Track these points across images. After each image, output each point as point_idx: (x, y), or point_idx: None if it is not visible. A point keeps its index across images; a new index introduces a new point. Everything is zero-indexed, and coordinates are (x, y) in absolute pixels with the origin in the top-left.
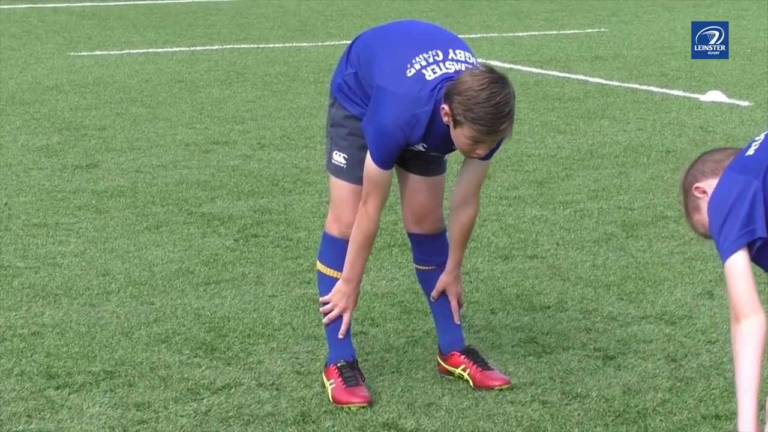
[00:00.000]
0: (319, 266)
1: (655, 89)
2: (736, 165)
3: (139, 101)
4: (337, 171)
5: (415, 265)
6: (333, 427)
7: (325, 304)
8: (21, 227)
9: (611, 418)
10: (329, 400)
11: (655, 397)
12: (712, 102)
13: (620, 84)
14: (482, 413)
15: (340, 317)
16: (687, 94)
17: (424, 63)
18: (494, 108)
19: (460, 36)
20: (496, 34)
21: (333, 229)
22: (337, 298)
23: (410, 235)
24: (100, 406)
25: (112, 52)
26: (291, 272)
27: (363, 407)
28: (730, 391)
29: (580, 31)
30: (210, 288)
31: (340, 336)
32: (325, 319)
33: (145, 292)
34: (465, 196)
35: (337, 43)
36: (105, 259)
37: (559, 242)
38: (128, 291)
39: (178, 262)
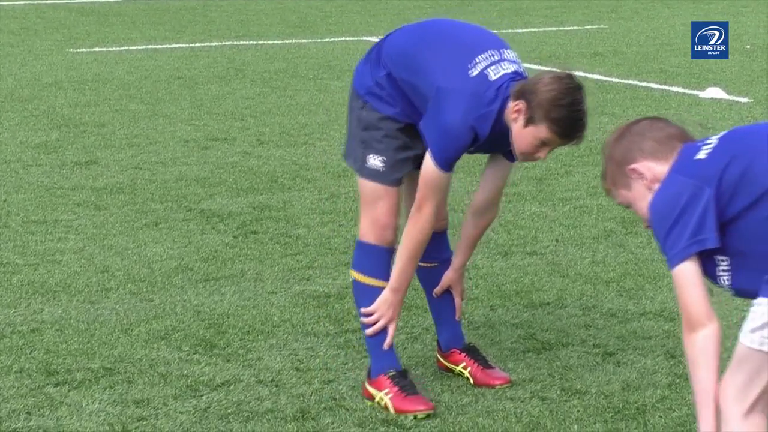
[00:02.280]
0: (357, 276)
1: (655, 86)
2: (686, 168)
3: (138, 98)
4: (374, 175)
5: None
6: (333, 423)
7: (367, 315)
8: (20, 224)
9: (610, 415)
10: (386, 411)
11: (655, 393)
12: (712, 99)
13: (620, 80)
14: (482, 410)
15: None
16: (686, 91)
17: (486, 63)
18: (576, 114)
19: None
20: (495, 31)
21: (369, 235)
22: (383, 309)
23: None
24: (99, 403)
25: (111, 49)
26: (290, 269)
27: (428, 415)
28: None
29: (580, 27)
30: (209, 285)
31: (385, 347)
32: (369, 331)
33: (145, 289)
34: (489, 199)
35: (336, 39)
36: (104, 255)
37: (559, 239)
38: (127, 288)
39: (177, 258)
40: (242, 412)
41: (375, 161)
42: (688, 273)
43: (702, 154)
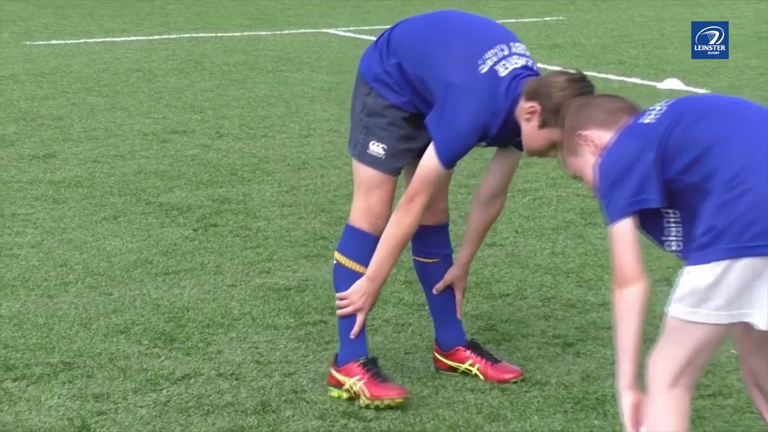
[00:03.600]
0: (340, 258)
1: (613, 77)
2: (632, 131)
3: (96, 91)
4: (374, 162)
5: (415, 257)
6: (293, 416)
7: (342, 299)
8: None
9: (570, 405)
10: (357, 398)
11: (614, 383)
12: (670, 90)
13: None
14: (442, 401)
15: (353, 315)
16: (644, 82)
17: (495, 59)
18: None
19: None
20: None
21: (362, 222)
22: (356, 296)
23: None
24: (58, 398)
25: (68, 42)
26: (250, 262)
27: (401, 401)
28: None
29: (539, 19)
30: (169, 278)
31: (352, 336)
32: (338, 312)
33: (104, 283)
34: (496, 190)
35: (295, 32)
36: (63, 249)
37: (518, 230)
38: (86, 282)
39: (136, 252)
40: (202, 406)
41: (376, 148)
42: (624, 231)
43: (648, 119)
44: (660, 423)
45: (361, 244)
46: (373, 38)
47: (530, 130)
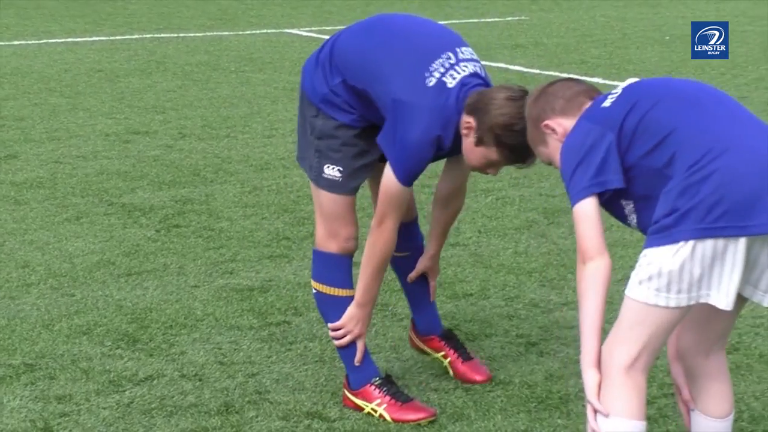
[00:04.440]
0: (319, 287)
1: (575, 77)
2: (592, 114)
3: (58, 91)
4: (331, 185)
5: None
6: (256, 417)
7: (335, 329)
8: None
9: (534, 404)
10: (383, 421)
11: (578, 382)
12: None
13: (540, 72)
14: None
15: (353, 343)
16: (607, 82)
17: (442, 70)
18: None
19: None
20: None
21: (330, 246)
22: (351, 324)
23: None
24: (20, 400)
25: (30, 42)
26: (213, 262)
27: (430, 421)
28: (653, 374)
29: (501, 19)
30: (131, 279)
31: (356, 363)
32: (337, 343)
33: (66, 284)
34: (453, 188)
35: (257, 32)
36: (25, 250)
37: (481, 230)
38: (48, 283)
39: (99, 253)
40: (165, 407)
41: (332, 171)
42: (587, 210)
43: (607, 102)
44: (618, 405)
45: (335, 268)
46: None
47: (467, 145)
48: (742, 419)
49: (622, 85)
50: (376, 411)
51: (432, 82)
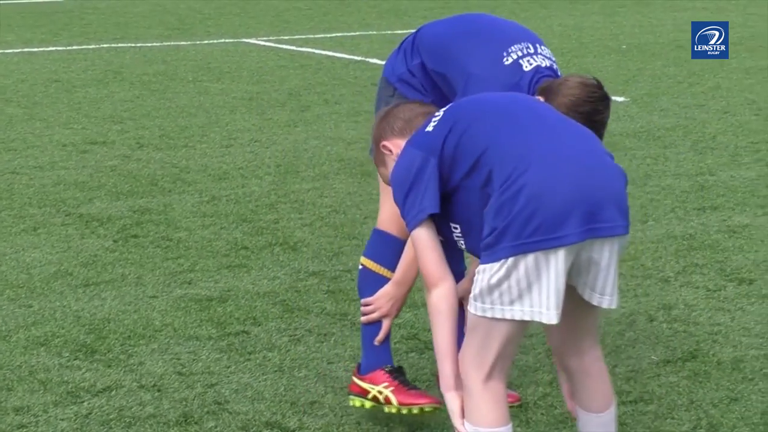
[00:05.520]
0: (368, 263)
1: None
2: (417, 140)
3: (14, 101)
4: None
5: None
6: (216, 427)
7: (367, 304)
8: None
9: None
10: (387, 404)
11: (536, 390)
12: None
13: None
14: (365, 411)
15: (378, 321)
16: None
17: (520, 53)
18: (593, 124)
19: (338, 34)
20: (374, 32)
21: (391, 226)
22: (383, 301)
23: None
24: None
25: None
26: (171, 272)
27: (432, 409)
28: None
29: None
30: (89, 289)
31: (376, 343)
32: (363, 319)
33: (23, 295)
34: None
35: (215, 41)
36: None
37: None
38: (5, 294)
39: (56, 263)
40: (124, 418)
41: None
42: (422, 237)
43: (430, 127)
44: (479, 418)
45: (390, 249)
46: (293, 48)
47: None
48: (701, 426)
49: (444, 108)
50: (381, 393)
51: (509, 61)
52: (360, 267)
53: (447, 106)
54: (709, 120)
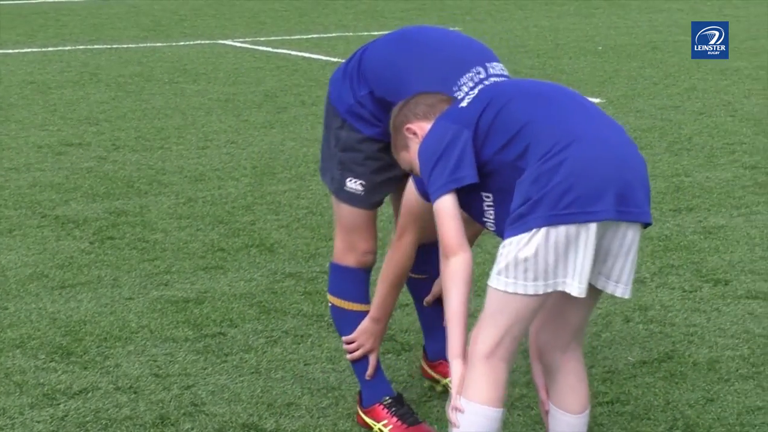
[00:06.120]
0: (334, 300)
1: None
2: (450, 115)
3: None
4: (352, 199)
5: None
6: (192, 429)
7: (349, 342)
8: None
9: None
10: None
11: (513, 392)
12: None
13: None
14: (342, 412)
15: (365, 357)
16: None
17: (471, 84)
18: None
19: (314, 36)
20: (351, 33)
21: (347, 259)
22: (363, 338)
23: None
24: None
25: None
26: (148, 274)
27: None
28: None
29: None
30: (65, 291)
31: (367, 378)
32: (349, 357)
33: None
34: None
35: (191, 43)
36: None
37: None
38: None
39: (32, 265)
40: (100, 420)
41: (354, 185)
42: (446, 206)
43: (464, 102)
44: (475, 392)
45: (351, 282)
46: (269, 49)
47: None
48: (677, 427)
49: (477, 87)
50: (379, 430)
51: (460, 95)
52: (329, 304)
53: (481, 86)
54: (684, 121)
